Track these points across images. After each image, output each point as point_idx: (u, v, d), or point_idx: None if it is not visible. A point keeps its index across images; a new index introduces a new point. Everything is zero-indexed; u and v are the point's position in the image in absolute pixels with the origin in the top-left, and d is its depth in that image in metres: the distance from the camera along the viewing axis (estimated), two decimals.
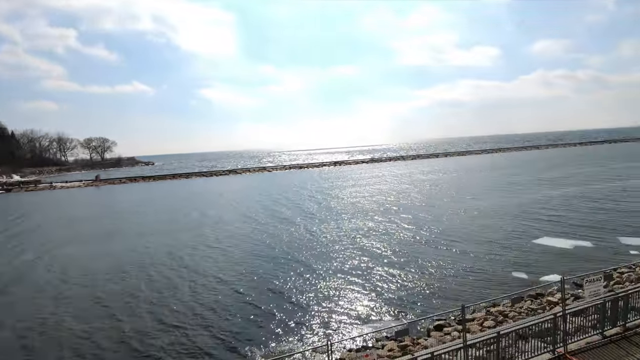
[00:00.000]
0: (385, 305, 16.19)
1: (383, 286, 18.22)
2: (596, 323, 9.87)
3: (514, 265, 19.60)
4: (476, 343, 8.48)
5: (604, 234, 24.11)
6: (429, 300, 16.37)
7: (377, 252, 23.52)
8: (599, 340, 9.57)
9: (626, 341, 9.48)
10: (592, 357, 8.89)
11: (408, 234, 27.44)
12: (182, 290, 19.09)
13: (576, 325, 9.75)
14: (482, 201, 39.12)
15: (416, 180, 63.76)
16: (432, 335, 13.06)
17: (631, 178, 49.89)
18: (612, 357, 8.86)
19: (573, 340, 9.44)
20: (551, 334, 9.11)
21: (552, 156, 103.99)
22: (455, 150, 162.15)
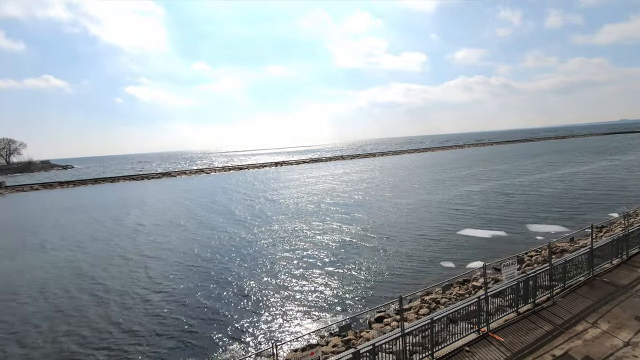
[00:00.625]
0: (328, 303, 16.52)
1: (324, 285, 18.55)
2: (512, 302, 11.16)
3: (443, 256, 21.30)
4: (413, 330, 9.06)
5: (516, 223, 27.36)
6: (369, 294, 17.07)
7: (315, 253, 23.69)
8: (515, 317, 10.83)
9: (536, 315, 10.86)
10: (509, 333, 10.03)
11: (346, 233, 28.10)
12: (97, 311, 17.04)
13: (496, 305, 10.92)
14: (412, 198, 41.70)
15: (353, 179, 65.69)
16: (374, 327, 13.67)
17: (536, 173, 57.18)
18: (525, 330, 10.09)
19: (494, 319, 10.57)
20: (476, 316, 10.09)
21: (472, 154, 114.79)
22: (390, 149, 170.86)
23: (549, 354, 8.91)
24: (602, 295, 11.79)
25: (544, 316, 10.77)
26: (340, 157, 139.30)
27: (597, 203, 32.72)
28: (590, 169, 57.31)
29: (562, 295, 11.95)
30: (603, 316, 10.50)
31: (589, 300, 11.52)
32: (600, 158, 74.92)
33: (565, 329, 9.99)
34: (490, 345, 9.50)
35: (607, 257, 14.07)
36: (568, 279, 12.52)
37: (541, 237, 23.53)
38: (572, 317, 10.57)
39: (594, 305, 11.16)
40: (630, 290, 12.00)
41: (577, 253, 13.45)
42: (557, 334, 9.80)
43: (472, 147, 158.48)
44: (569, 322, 10.32)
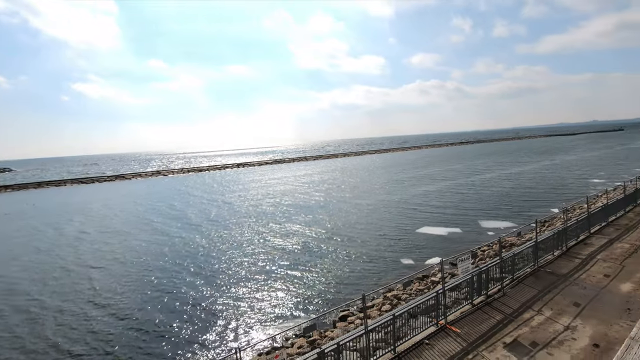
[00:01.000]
0: (292, 306, 16.47)
1: (287, 288, 18.47)
2: (467, 295, 11.79)
3: (403, 253, 22.04)
4: (376, 327, 9.27)
5: (469, 220, 28.96)
6: (333, 294, 17.24)
7: (277, 256, 23.41)
8: (470, 308, 11.44)
9: (488, 306, 11.55)
10: (465, 324, 10.58)
11: (307, 235, 28.12)
12: (33, 330, 15.56)
13: (453, 298, 11.47)
14: (373, 198, 42.74)
15: (315, 180, 66.03)
16: (338, 326, 13.82)
17: (486, 172, 60.87)
18: (479, 321, 10.69)
19: (451, 312, 11.10)
20: (435, 309, 10.53)
21: (429, 155, 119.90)
22: (352, 150, 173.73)
23: (500, 342, 9.52)
24: (546, 284, 12.79)
25: (496, 307, 11.48)
26: (303, 158, 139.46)
27: (540, 200, 35.46)
28: (533, 168, 61.98)
29: (512, 286, 12.82)
30: (546, 304, 11.39)
31: (535, 289, 12.45)
32: (542, 158, 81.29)
33: (514, 318, 10.71)
34: (448, 336, 9.96)
35: (549, 249, 15.29)
36: (516, 271, 13.45)
37: (492, 232, 25.08)
38: (520, 306, 11.36)
39: (538, 294, 12.07)
40: (569, 278, 13.13)
41: (524, 246, 14.49)
42: (507, 322, 10.49)
43: (430, 148, 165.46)
44: (518, 311, 11.08)
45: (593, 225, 18.41)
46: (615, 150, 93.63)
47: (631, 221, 19.64)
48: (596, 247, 16.14)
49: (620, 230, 18.26)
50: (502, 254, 12.75)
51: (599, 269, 13.72)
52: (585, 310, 10.82)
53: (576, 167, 60.07)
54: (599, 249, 15.89)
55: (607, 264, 14.18)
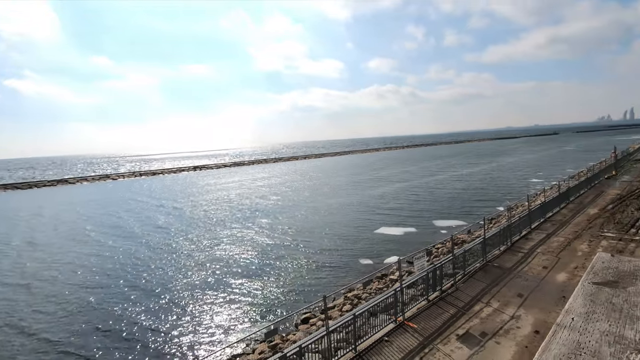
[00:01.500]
0: (253, 311, 16.20)
1: (247, 293, 18.14)
2: (423, 291, 12.31)
3: (363, 254, 22.53)
4: (337, 327, 9.39)
5: (424, 220, 30.29)
6: (295, 297, 17.19)
7: (235, 262, 22.91)
8: (426, 304, 11.95)
9: (443, 301, 12.14)
10: (421, 319, 11.04)
11: (266, 239, 27.74)
12: None
13: (410, 295, 11.92)
14: (332, 200, 43.24)
15: (275, 183, 65.58)
16: (300, 329, 13.81)
17: (439, 174, 64.03)
18: (434, 315, 11.20)
19: (409, 309, 11.52)
20: (394, 307, 10.88)
21: (386, 157, 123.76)
22: (312, 153, 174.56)
23: (453, 334, 10.05)
24: (493, 278, 13.71)
25: (449, 301, 12.11)
26: (262, 161, 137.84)
27: (487, 199, 37.94)
28: (481, 170, 66.20)
29: (463, 281, 13.58)
30: (494, 296, 12.21)
31: (484, 283, 13.29)
32: (489, 160, 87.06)
33: (466, 311, 11.36)
34: (406, 332, 10.34)
35: (496, 244, 16.41)
36: (467, 266, 14.28)
37: (445, 231, 26.41)
38: (471, 300, 12.08)
39: (487, 287, 12.91)
40: (514, 271, 14.18)
41: (474, 243, 15.43)
42: (459, 315, 11.10)
43: (387, 151, 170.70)
44: (469, 304, 11.77)
45: (533, 222, 20.05)
46: (551, 152, 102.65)
47: (565, 217, 21.63)
48: (536, 241, 17.58)
49: (556, 225, 20.04)
50: (454, 251, 13.48)
51: (538, 262, 14.95)
52: (527, 300, 11.74)
53: (518, 168, 65.01)
54: (539, 243, 17.32)
55: (546, 256, 15.50)
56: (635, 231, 17.92)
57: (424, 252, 12.34)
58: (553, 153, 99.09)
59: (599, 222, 20.05)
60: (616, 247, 15.99)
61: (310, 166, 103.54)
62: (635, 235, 17.26)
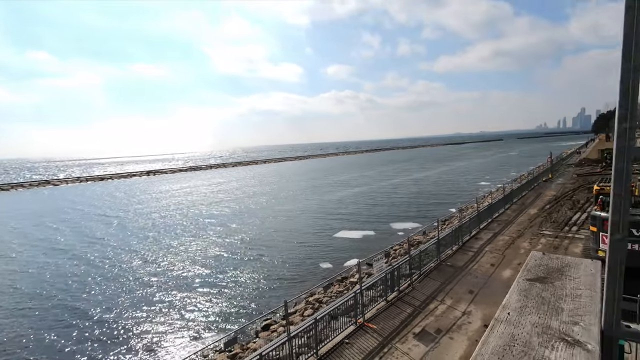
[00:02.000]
0: (211, 322, 15.67)
1: (204, 305, 17.50)
2: (382, 292, 12.63)
3: (323, 258, 22.67)
4: (298, 333, 9.34)
5: (382, 223, 31.14)
6: (255, 304, 16.87)
7: (190, 271, 22.01)
8: (385, 305, 12.27)
9: (400, 301, 12.53)
10: (380, 320, 11.31)
11: (224, 246, 26.98)
12: None
13: (370, 297, 12.18)
14: (291, 205, 43.12)
15: (233, 188, 64.09)
16: (261, 336, 13.55)
17: (395, 177, 66.31)
18: (392, 315, 11.53)
19: (368, 310, 11.75)
20: (354, 309, 11.05)
21: (345, 162, 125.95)
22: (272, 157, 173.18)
23: (410, 333, 10.40)
24: (447, 276, 14.40)
25: (407, 301, 12.53)
26: (221, 165, 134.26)
27: (441, 201, 39.88)
28: (435, 173, 69.53)
29: (419, 281, 14.13)
30: (448, 294, 12.83)
31: (438, 282, 13.92)
32: (441, 164, 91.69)
33: (422, 309, 11.82)
34: (366, 334, 10.53)
35: (449, 244, 17.27)
36: (423, 266, 14.88)
37: (402, 232, 27.35)
38: (427, 298, 12.59)
39: (441, 286, 13.53)
40: (465, 269, 15.00)
41: (429, 243, 16.12)
42: (416, 314, 11.52)
43: (346, 155, 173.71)
44: (425, 303, 12.26)
45: (482, 222, 21.37)
46: (497, 157, 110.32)
47: (509, 217, 23.31)
48: (484, 240, 18.75)
49: (501, 225, 21.53)
50: (410, 252, 13.99)
51: (487, 260, 15.95)
52: (477, 296, 12.47)
53: (468, 172, 69.10)
54: (487, 242, 18.49)
55: (493, 254, 16.58)
56: (568, 229, 19.75)
57: (383, 253, 12.68)
58: (498, 158, 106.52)
59: (538, 221, 21.83)
60: (553, 243, 17.50)
61: (270, 171, 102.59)
62: (568, 233, 19.01)
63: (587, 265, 1.55)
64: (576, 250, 16.27)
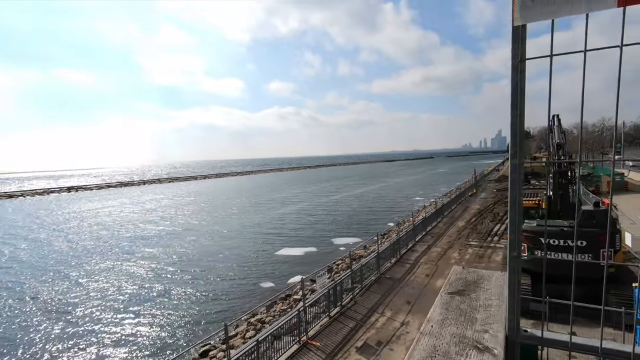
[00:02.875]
0: (145, 352, 14.36)
1: (135, 335, 16.00)
2: (325, 308, 12.71)
3: (266, 277, 22.14)
4: (240, 357, 8.98)
5: (324, 239, 31.38)
6: (192, 330, 15.86)
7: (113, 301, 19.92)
8: (328, 321, 12.34)
9: (343, 316, 12.71)
10: (324, 336, 11.34)
11: (153, 271, 24.75)
12: None
13: (313, 314, 12.18)
14: (231, 223, 41.22)
15: (168, 205, 60.15)
16: None
17: (336, 194, 67.92)
18: (335, 331, 11.63)
19: (312, 327, 11.73)
20: (297, 327, 10.95)
21: (288, 177, 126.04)
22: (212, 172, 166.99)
23: (353, 347, 10.57)
24: (386, 289, 14.98)
25: (349, 315, 12.75)
26: (156, 181, 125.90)
27: (380, 216, 41.59)
28: (374, 189, 72.57)
29: (361, 294, 14.49)
30: (387, 306, 13.32)
31: (378, 294, 14.41)
32: (380, 180, 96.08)
33: (364, 323, 12.11)
34: (310, 352, 10.47)
35: (388, 257, 18.04)
36: (364, 280, 15.32)
37: (343, 247, 27.87)
38: (368, 311, 12.94)
39: (381, 298, 14.02)
40: (403, 281, 15.75)
41: (369, 257, 16.68)
42: (358, 328, 11.76)
43: (288, 171, 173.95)
44: (366, 316, 12.58)
45: (417, 235, 22.72)
46: (429, 174, 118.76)
47: (441, 230, 25.10)
48: (420, 252, 19.92)
49: (434, 237, 23.09)
50: (352, 266, 14.35)
51: (422, 271, 16.93)
52: (414, 306, 13.13)
53: (404, 188, 73.29)
54: (422, 254, 19.66)
55: (427, 265, 17.66)
56: (490, 239, 21.83)
57: (326, 269, 12.84)
58: (430, 174, 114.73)
59: (465, 232, 23.82)
60: (478, 253, 19.19)
61: (210, 187, 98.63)
62: (490, 243, 21.02)
63: (498, 277, 1.78)
64: (497, 259, 18.03)
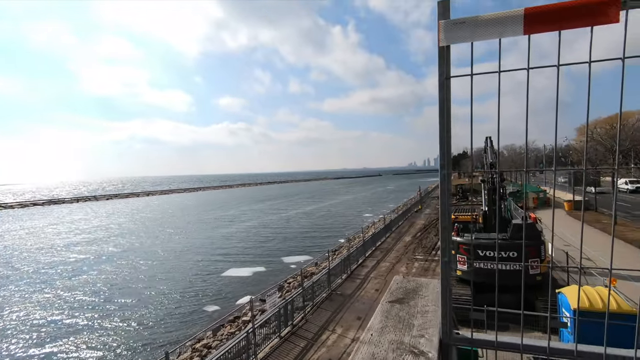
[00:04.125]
0: None
1: None
2: (276, 328, 12.35)
3: (212, 299, 20.95)
4: None
5: (274, 257, 30.50)
6: None
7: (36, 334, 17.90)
8: (278, 341, 11.98)
9: (294, 336, 12.43)
10: (274, 358, 10.97)
11: (85, 300, 22.39)
12: None
13: (263, 335, 11.76)
14: (173, 243, 38.58)
15: (102, 226, 55.27)
16: None
17: (286, 211, 67.52)
18: (285, 352, 11.31)
19: (261, 349, 11.30)
20: (246, 350, 10.47)
21: (237, 195, 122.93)
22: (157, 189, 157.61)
23: None
24: (337, 305, 14.99)
25: (300, 334, 12.50)
26: (92, 198, 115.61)
27: (331, 233, 41.89)
28: (324, 206, 73.27)
29: (312, 312, 14.33)
30: (338, 322, 13.30)
31: (329, 311, 14.36)
32: (330, 197, 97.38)
33: (315, 341, 11.94)
34: None
35: (339, 274, 18.14)
36: (315, 297, 15.20)
37: (294, 265, 27.47)
38: (319, 329, 12.81)
39: (332, 315, 13.98)
40: (353, 297, 15.88)
41: (321, 274, 16.65)
42: (309, 347, 11.56)
43: (239, 188, 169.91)
44: (317, 334, 12.43)
45: (367, 250, 23.21)
46: (377, 190, 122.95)
47: (389, 245, 25.92)
48: (369, 267, 20.32)
49: (383, 252, 23.74)
50: (304, 283, 14.20)
51: (372, 285, 17.24)
52: (364, 322, 13.25)
53: (353, 205, 74.93)
54: (371, 269, 20.07)
55: (377, 280, 18.03)
56: (435, 252, 22.96)
57: (276, 287, 12.55)
58: (379, 191, 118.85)
59: (412, 247, 24.83)
60: (424, 266, 20.04)
61: (153, 204, 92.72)
62: (435, 256, 22.09)
63: (435, 284, 1.89)
64: None
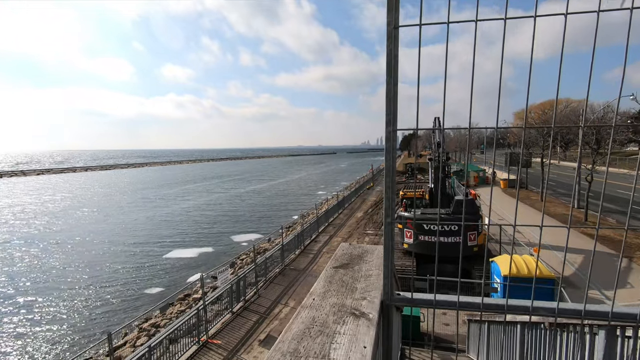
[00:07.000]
0: None
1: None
2: (228, 304, 12.24)
3: (154, 282, 19.88)
4: None
5: (224, 237, 29.42)
6: (69, 345, 13.63)
7: None
8: (230, 317, 11.92)
9: (246, 311, 12.43)
10: (226, 334, 10.91)
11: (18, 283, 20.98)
12: None
13: (215, 311, 11.61)
14: (109, 224, 35.51)
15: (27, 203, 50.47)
16: None
17: (237, 188, 66.25)
18: (238, 327, 11.31)
19: (213, 325, 11.17)
20: (196, 327, 10.29)
21: (186, 171, 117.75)
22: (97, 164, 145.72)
23: (256, 341, 10.43)
24: (290, 280, 15.18)
25: (253, 309, 12.53)
26: (19, 173, 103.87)
27: (285, 209, 41.95)
28: (277, 183, 72.91)
29: (265, 287, 14.39)
30: (291, 296, 13.51)
31: (282, 286, 14.51)
32: (285, 174, 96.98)
33: (267, 315, 12.05)
34: (210, 351, 9.96)
35: (292, 249, 18.29)
36: (268, 273, 15.24)
37: (246, 243, 26.78)
38: (272, 303, 12.92)
39: (285, 289, 14.15)
40: (306, 271, 16.16)
41: (274, 250, 16.67)
42: (261, 321, 11.65)
43: (189, 164, 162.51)
44: (270, 308, 12.54)
45: (320, 226, 23.59)
46: (332, 168, 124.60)
47: (342, 220, 26.55)
48: (322, 242, 20.73)
49: (336, 228, 24.29)
50: (256, 259, 14.12)
51: (324, 260, 17.64)
52: None
53: (307, 182, 75.38)
54: (324, 244, 20.49)
55: (329, 254, 18.47)
56: None
57: (228, 264, 12.35)
58: (333, 169, 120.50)
59: (363, 223, 25.67)
60: (374, 240, 20.87)
61: (91, 180, 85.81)
62: None
63: (380, 250, 1.92)
64: None
